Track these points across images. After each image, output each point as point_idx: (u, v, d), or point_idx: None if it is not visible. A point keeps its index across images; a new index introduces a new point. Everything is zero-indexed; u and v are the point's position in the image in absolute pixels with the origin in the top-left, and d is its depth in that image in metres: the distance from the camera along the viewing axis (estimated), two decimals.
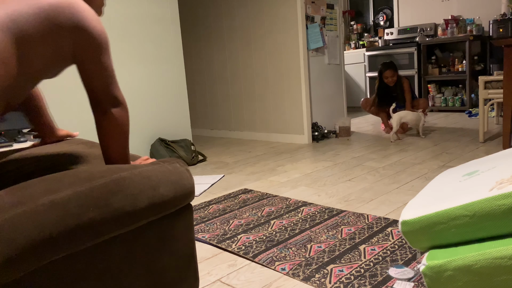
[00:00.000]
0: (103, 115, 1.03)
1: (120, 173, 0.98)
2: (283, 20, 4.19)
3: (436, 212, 1.03)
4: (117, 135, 1.04)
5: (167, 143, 3.47)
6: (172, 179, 1.07)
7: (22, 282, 0.81)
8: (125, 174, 0.98)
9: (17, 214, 0.79)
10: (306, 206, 2.24)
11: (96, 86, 1.01)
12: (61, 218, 0.84)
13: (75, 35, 0.96)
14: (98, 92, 1.02)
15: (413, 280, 1.39)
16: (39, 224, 0.81)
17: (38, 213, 0.81)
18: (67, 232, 0.84)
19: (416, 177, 2.66)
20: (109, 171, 0.97)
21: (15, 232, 0.77)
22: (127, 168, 1.01)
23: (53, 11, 0.94)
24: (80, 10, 0.98)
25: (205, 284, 1.50)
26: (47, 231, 0.81)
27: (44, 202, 0.83)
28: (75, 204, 0.86)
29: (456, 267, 0.95)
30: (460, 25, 5.79)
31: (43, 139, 1.39)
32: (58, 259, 0.85)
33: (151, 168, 1.05)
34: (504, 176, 1.00)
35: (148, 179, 1.01)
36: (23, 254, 0.78)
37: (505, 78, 3.06)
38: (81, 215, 0.86)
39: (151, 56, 3.57)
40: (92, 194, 0.89)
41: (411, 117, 4.04)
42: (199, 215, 2.24)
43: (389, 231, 1.82)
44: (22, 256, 0.78)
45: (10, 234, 0.76)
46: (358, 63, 6.73)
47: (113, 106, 1.03)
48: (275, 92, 4.41)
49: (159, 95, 3.66)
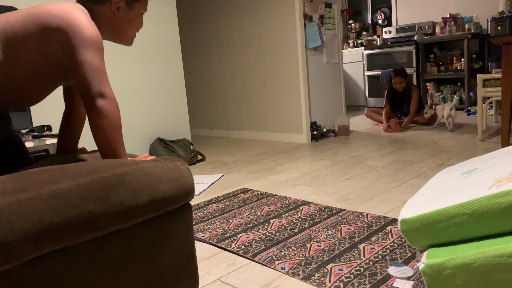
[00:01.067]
0: (91, 109, 1.04)
1: (122, 168, 0.98)
2: (281, 19, 4.19)
3: (435, 210, 1.03)
4: (105, 128, 1.04)
5: (166, 143, 3.47)
6: (173, 176, 1.07)
7: (20, 271, 0.81)
8: (127, 169, 0.98)
9: (18, 200, 0.80)
10: (306, 205, 2.24)
11: (81, 80, 1.03)
12: (61, 208, 0.85)
13: (62, 33, 1.04)
14: (84, 85, 1.04)
15: (412, 279, 1.39)
16: (40, 212, 0.82)
17: (39, 201, 0.82)
18: (67, 223, 0.85)
19: (415, 176, 2.66)
20: (111, 165, 0.98)
21: (15, 216, 0.78)
22: (130, 163, 1.01)
23: (43, 14, 1.04)
24: (70, 12, 1.06)
25: (204, 283, 1.50)
26: (47, 220, 0.82)
27: (46, 191, 0.84)
28: (76, 195, 0.87)
29: (455, 265, 0.95)
30: (458, 23, 5.79)
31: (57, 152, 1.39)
32: (57, 250, 0.86)
33: (152, 164, 1.05)
34: (503, 174, 1.01)
35: (150, 175, 1.02)
36: (21, 240, 0.79)
37: (503, 76, 3.06)
38: (81, 207, 0.87)
39: (149, 56, 3.57)
40: (93, 187, 0.90)
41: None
42: (198, 214, 2.24)
43: (389, 229, 1.83)
44: (20, 242, 0.78)
45: (9, 217, 0.77)
46: (357, 62, 6.73)
47: (99, 100, 1.03)
48: (274, 91, 4.41)
49: (158, 95, 3.66)
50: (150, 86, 3.60)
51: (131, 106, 3.47)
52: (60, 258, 0.87)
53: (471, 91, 5.67)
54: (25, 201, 0.80)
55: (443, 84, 6.10)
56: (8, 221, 0.77)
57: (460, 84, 5.88)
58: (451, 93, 5.89)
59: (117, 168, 0.97)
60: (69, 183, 0.88)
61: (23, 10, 1.06)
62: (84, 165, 0.96)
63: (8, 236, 0.76)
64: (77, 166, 0.95)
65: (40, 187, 0.84)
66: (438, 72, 5.94)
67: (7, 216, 0.77)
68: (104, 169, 0.95)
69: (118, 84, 3.38)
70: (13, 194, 0.80)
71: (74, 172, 0.91)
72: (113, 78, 3.35)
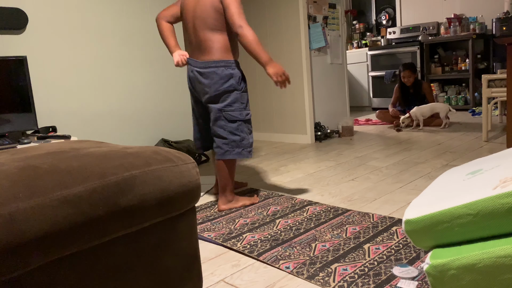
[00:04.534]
0: (237, 35, 2.09)
1: (132, 171, 0.97)
2: (285, 20, 4.20)
3: (439, 211, 1.03)
4: (248, 45, 2.07)
5: (170, 144, 3.48)
6: (183, 182, 1.06)
7: (27, 277, 0.81)
8: (136, 173, 0.97)
9: (30, 207, 0.78)
10: (312, 205, 2.24)
11: (228, 15, 2.08)
12: (71, 215, 0.83)
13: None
14: (230, 19, 2.08)
15: (417, 279, 1.39)
16: (50, 219, 0.80)
17: (50, 208, 0.81)
18: (76, 229, 0.84)
19: (419, 176, 2.65)
20: (121, 167, 0.96)
21: (27, 224, 0.77)
22: (140, 165, 1.00)
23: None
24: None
25: (208, 284, 1.51)
26: (57, 227, 0.81)
27: (57, 197, 0.83)
28: (86, 201, 0.86)
29: (459, 266, 0.95)
30: (463, 24, 5.77)
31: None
32: (63, 256, 0.85)
33: (163, 167, 1.04)
34: (508, 175, 1.00)
35: (159, 179, 1.01)
36: (31, 248, 0.78)
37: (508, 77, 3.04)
38: (90, 213, 0.86)
39: (154, 57, 3.58)
40: (103, 192, 0.89)
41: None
42: (205, 214, 2.24)
43: (394, 230, 1.82)
44: (30, 250, 0.77)
45: (21, 225, 0.76)
46: (361, 63, 6.72)
47: (240, 29, 2.05)
48: (278, 92, 4.42)
49: (162, 96, 3.67)
50: (155, 87, 3.62)
51: (136, 106, 3.49)
52: (65, 263, 0.87)
53: (476, 91, 5.65)
54: (36, 209, 0.79)
55: (448, 84, 6.08)
56: (19, 229, 0.76)
57: (465, 85, 5.86)
58: (456, 94, 5.87)
59: (127, 171, 0.96)
60: (79, 188, 0.87)
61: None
62: (94, 166, 0.94)
63: (18, 245, 0.75)
64: (86, 167, 0.93)
65: (51, 192, 0.83)
66: (443, 73, 5.92)
67: (19, 224, 0.76)
68: (115, 172, 0.94)
69: (123, 85, 3.40)
70: (25, 200, 0.79)
71: (84, 175, 0.90)
72: (118, 78, 3.36)
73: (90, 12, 3.18)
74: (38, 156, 0.98)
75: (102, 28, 3.25)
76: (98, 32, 3.23)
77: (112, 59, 3.32)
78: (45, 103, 2.95)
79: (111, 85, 3.32)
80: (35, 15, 2.90)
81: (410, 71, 4.75)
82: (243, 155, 2.24)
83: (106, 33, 3.28)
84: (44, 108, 2.95)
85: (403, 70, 4.79)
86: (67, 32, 3.06)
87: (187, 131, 3.87)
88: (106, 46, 3.28)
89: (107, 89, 3.30)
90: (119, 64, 3.36)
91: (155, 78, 3.61)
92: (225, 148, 2.23)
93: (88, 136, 3.18)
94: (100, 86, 3.26)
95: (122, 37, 3.36)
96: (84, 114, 3.15)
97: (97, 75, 3.24)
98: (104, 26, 3.26)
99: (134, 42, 3.44)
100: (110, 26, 3.29)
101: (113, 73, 3.32)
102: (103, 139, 3.27)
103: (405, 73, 4.77)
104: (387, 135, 4.35)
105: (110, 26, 3.29)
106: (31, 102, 2.66)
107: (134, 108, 3.48)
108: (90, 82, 3.20)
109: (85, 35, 3.16)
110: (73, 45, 3.10)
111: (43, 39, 2.95)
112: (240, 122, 2.23)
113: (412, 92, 4.84)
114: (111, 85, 3.32)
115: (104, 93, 3.28)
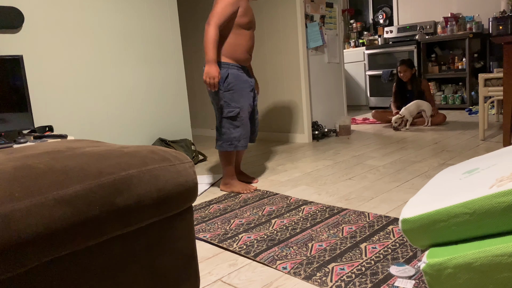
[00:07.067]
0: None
1: (129, 170, 0.96)
2: (282, 19, 4.20)
3: (436, 210, 1.03)
4: (204, 40, 2.37)
5: (168, 143, 3.47)
6: (180, 181, 1.05)
7: (24, 278, 0.80)
8: (133, 172, 0.97)
9: (26, 207, 0.78)
10: (307, 205, 2.24)
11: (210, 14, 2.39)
12: (68, 215, 0.83)
13: None
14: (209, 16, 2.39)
15: (413, 278, 1.39)
16: (47, 219, 0.80)
17: (47, 208, 0.80)
18: (72, 229, 0.84)
19: (416, 175, 2.66)
20: (118, 166, 0.96)
21: (23, 224, 0.76)
22: (137, 164, 0.99)
23: None
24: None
25: (206, 283, 1.50)
26: (53, 227, 0.81)
27: (53, 196, 0.82)
28: (83, 201, 0.86)
29: (456, 265, 0.95)
30: (459, 23, 5.79)
31: None
32: (60, 256, 0.85)
33: (160, 167, 1.03)
34: (504, 174, 1.01)
35: (156, 179, 1.00)
36: (27, 248, 0.77)
37: (505, 76, 3.06)
38: (87, 213, 0.86)
39: (151, 56, 3.58)
40: (99, 192, 0.89)
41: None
42: (199, 214, 2.24)
43: (390, 229, 1.83)
44: (26, 250, 0.77)
45: (18, 225, 0.76)
46: (358, 62, 6.73)
47: (207, 25, 2.36)
48: (275, 91, 4.42)
49: (159, 95, 3.66)
50: (151, 86, 3.61)
51: (133, 106, 3.48)
52: (61, 262, 0.86)
53: (473, 90, 5.66)
54: (32, 209, 0.78)
55: (445, 83, 6.09)
56: (15, 230, 0.75)
57: (462, 84, 5.87)
58: (453, 93, 5.88)
59: (124, 170, 0.95)
60: (76, 187, 0.86)
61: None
62: (91, 165, 0.94)
63: (14, 245, 0.75)
64: (83, 166, 0.93)
65: (48, 191, 0.82)
66: (440, 72, 5.93)
67: (15, 224, 0.75)
68: (111, 172, 0.93)
69: (120, 84, 3.39)
70: (21, 199, 0.78)
71: (81, 174, 0.89)
72: (115, 78, 3.35)
73: (87, 11, 3.17)
74: (35, 156, 0.98)
75: (99, 27, 3.24)
76: (95, 31, 3.22)
77: (109, 58, 3.31)
78: (41, 103, 2.94)
79: (108, 84, 3.31)
80: (31, 14, 2.89)
81: (405, 65, 4.77)
82: (223, 147, 2.56)
83: (103, 32, 3.27)
84: (41, 108, 2.94)
85: (399, 65, 4.83)
86: (63, 31, 3.05)
87: (184, 131, 3.86)
88: (102, 45, 3.27)
89: (104, 88, 3.29)
90: (116, 63, 3.35)
91: (151, 77, 3.60)
92: (216, 140, 2.61)
93: (84, 135, 3.17)
94: (97, 85, 3.25)
95: (119, 36, 3.35)
96: (80, 113, 3.14)
97: (93, 74, 3.23)
98: (100, 25, 3.25)
99: (130, 41, 3.43)
100: (106, 25, 3.28)
101: (110, 72, 3.31)
102: (100, 139, 3.26)
103: (401, 67, 4.79)
104: (384, 134, 4.36)
105: (107, 25, 3.28)
106: (27, 102, 2.65)
107: (131, 107, 3.47)
108: (87, 81, 3.19)
109: (81, 34, 3.15)
110: (69, 44, 3.09)
111: (40, 38, 2.94)
112: (222, 118, 2.52)
113: (409, 89, 4.84)
114: (107, 84, 3.31)
115: (100, 92, 3.27)
